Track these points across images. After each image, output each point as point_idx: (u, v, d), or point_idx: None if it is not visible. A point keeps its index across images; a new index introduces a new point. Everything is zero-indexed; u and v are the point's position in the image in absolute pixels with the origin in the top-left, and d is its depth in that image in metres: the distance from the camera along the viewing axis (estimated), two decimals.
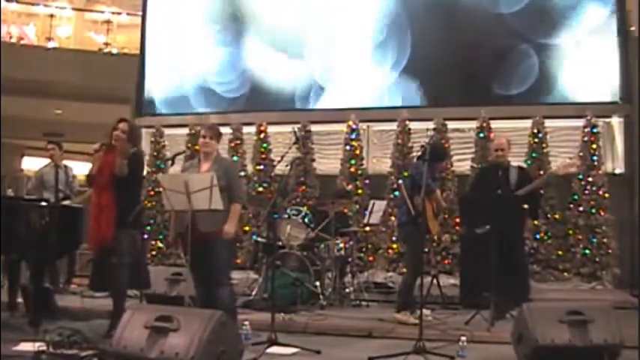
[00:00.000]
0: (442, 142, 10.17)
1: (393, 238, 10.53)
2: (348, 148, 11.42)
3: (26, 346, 5.40)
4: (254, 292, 8.63)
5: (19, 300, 7.22)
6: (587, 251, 10.14)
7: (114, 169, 6.11)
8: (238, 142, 11.93)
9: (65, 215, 7.07)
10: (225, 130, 11.44)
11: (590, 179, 10.32)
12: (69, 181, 9.26)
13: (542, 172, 9.86)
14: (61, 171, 9.17)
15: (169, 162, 6.67)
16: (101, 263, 6.24)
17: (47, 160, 9.45)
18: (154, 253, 11.61)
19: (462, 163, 11.05)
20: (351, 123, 11.44)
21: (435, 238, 9.88)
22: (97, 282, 6.52)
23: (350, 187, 10.98)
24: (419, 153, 7.90)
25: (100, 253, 6.25)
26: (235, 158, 11.51)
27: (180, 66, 12.96)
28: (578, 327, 4.98)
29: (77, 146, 14.84)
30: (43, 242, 6.57)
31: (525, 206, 7.55)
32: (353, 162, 11.30)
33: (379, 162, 11.65)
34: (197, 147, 10.60)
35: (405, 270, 8.20)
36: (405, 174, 7.49)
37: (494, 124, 10.91)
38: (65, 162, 9.46)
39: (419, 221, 6.84)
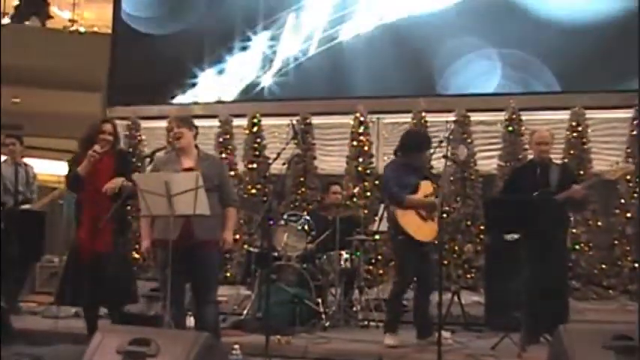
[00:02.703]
0: (419, 130, 10.15)
1: None
2: (355, 143, 11.43)
3: None
4: (246, 311, 8.63)
5: None
6: (635, 265, 10.12)
7: (111, 174, 6.41)
8: (227, 136, 11.93)
9: (25, 221, 7.09)
10: (212, 123, 11.48)
11: (639, 180, 10.31)
12: (29, 182, 9.26)
13: (582, 173, 9.86)
14: (21, 169, 9.16)
15: (147, 159, 6.68)
16: (82, 274, 6.29)
17: (4, 157, 9.47)
18: None
19: (488, 161, 11.06)
20: (358, 114, 11.45)
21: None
22: (70, 295, 6.52)
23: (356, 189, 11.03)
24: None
25: (88, 263, 6.30)
26: (223, 156, 11.52)
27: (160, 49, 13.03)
28: (627, 354, 4.96)
29: (38, 141, 14.84)
30: None
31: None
32: (360, 160, 11.31)
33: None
34: None
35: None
36: None
37: (525, 115, 10.91)
38: (25, 159, 9.47)
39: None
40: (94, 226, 6.33)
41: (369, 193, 11.18)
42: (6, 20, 15.38)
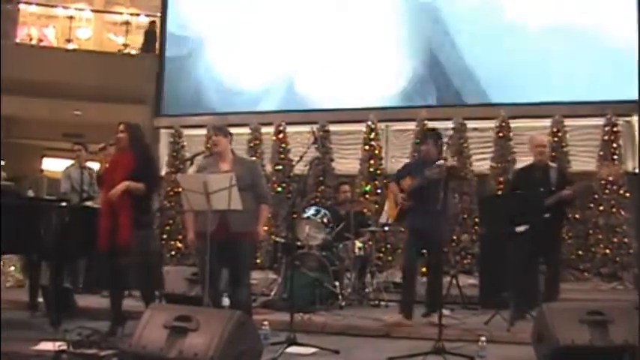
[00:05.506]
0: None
1: None
2: (367, 147, 11.42)
3: (46, 346, 5.44)
4: (273, 292, 8.63)
5: (40, 300, 7.27)
6: (607, 251, 10.08)
7: (127, 169, 6.23)
8: (257, 142, 11.96)
9: (86, 216, 7.13)
10: (244, 131, 11.52)
11: (610, 178, 10.24)
12: (92, 183, 9.38)
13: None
14: (85, 172, 9.30)
15: (188, 162, 6.71)
16: (105, 263, 6.31)
17: (68, 161, 9.56)
18: (172, 253, 11.69)
19: (481, 162, 11.04)
20: (370, 123, 11.43)
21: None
22: (93, 281, 6.58)
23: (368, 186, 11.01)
24: None
25: (108, 254, 6.26)
26: (253, 158, 11.55)
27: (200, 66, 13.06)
28: (599, 327, 4.95)
29: (97, 147, 14.92)
30: (64, 243, 6.61)
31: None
32: (372, 162, 11.30)
33: (398, 162, 11.58)
34: None
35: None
36: None
37: (513, 123, 10.87)
38: (88, 163, 9.58)
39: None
40: (111, 220, 6.22)
41: (379, 191, 11.15)
42: (73, 46, 15.50)
